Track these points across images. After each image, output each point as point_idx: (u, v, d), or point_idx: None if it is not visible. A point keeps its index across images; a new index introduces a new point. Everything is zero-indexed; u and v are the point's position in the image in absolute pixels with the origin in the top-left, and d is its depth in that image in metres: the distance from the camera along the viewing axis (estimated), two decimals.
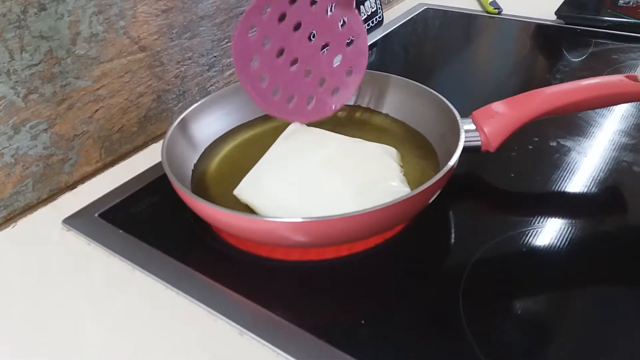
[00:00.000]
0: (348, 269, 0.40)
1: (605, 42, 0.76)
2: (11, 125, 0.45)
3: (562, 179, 0.48)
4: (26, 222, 0.47)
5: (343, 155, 0.47)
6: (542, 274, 0.39)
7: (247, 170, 0.47)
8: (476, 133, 0.46)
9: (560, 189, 0.47)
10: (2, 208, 0.46)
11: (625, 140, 0.53)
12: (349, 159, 0.47)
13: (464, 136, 0.44)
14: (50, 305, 0.39)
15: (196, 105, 0.51)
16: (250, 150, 0.51)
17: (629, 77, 0.47)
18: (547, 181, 0.48)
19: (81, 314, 0.38)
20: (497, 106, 0.47)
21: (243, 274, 0.40)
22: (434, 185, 0.39)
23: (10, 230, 0.46)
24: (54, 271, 0.41)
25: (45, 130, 0.48)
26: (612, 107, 0.58)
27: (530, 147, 0.52)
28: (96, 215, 0.46)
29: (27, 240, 0.45)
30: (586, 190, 0.47)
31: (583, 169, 0.49)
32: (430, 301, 0.37)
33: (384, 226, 0.41)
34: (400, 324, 0.35)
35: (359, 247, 0.41)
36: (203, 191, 0.47)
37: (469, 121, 0.46)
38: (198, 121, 0.51)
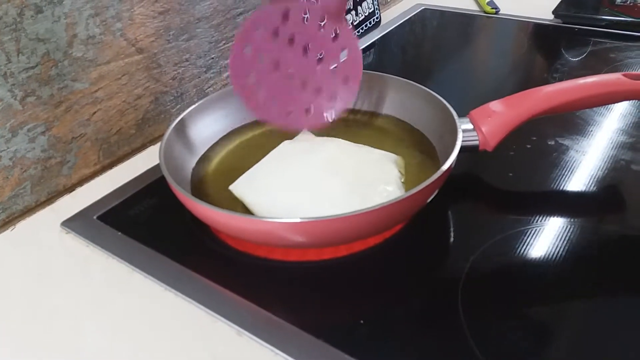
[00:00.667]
0: (347, 269, 0.40)
1: (603, 41, 0.76)
2: (8, 128, 0.45)
3: (560, 178, 0.48)
4: (25, 225, 0.47)
5: (343, 158, 0.47)
6: (541, 273, 0.39)
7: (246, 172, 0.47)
8: (474, 132, 0.46)
9: (558, 188, 0.47)
10: (1, 211, 0.46)
11: (623, 138, 0.53)
12: (349, 162, 0.47)
13: (461, 136, 0.44)
14: (50, 308, 0.38)
15: (194, 107, 0.51)
16: (249, 151, 0.51)
17: (626, 75, 0.47)
18: (546, 180, 0.48)
19: (80, 316, 0.38)
20: (494, 105, 0.47)
21: (242, 274, 0.40)
22: (431, 184, 0.39)
23: (9, 233, 0.46)
24: (53, 274, 0.41)
25: (43, 133, 0.48)
26: (610, 106, 0.58)
27: (529, 146, 0.52)
28: (95, 217, 0.46)
29: (26, 243, 0.45)
30: (585, 189, 0.47)
31: (581, 167, 0.49)
32: (429, 301, 0.37)
33: (382, 226, 0.41)
34: (399, 324, 0.35)
35: (357, 247, 0.41)
36: (201, 193, 0.47)
37: (466, 120, 0.46)
38: (196, 123, 0.51)
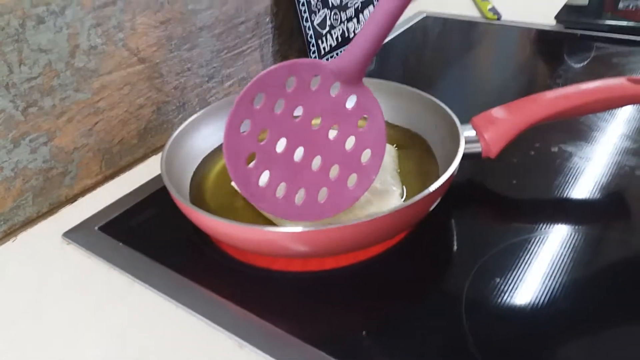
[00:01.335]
0: (349, 279, 0.40)
1: (605, 46, 0.76)
2: (10, 138, 0.45)
3: (564, 185, 0.47)
4: (26, 236, 0.47)
5: None
6: (547, 282, 0.38)
7: None
8: (476, 139, 0.45)
9: (562, 195, 0.46)
10: (2, 222, 0.46)
11: (627, 144, 0.52)
12: None
13: (463, 143, 0.43)
14: (51, 319, 0.38)
15: (195, 116, 0.51)
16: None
17: (630, 80, 0.46)
18: (550, 187, 0.47)
19: (81, 326, 0.37)
20: (497, 112, 0.46)
21: (243, 285, 0.40)
22: (434, 193, 0.38)
23: (10, 245, 0.46)
24: (54, 284, 0.41)
25: (45, 144, 0.48)
26: (613, 111, 0.58)
27: (532, 153, 0.52)
28: (96, 228, 0.46)
29: (27, 254, 0.45)
30: (589, 196, 0.46)
31: (585, 174, 0.49)
32: (432, 311, 0.37)
33: (384, 235, 0.40)
34: (403, 335, 0.35)
35: (360, 257, 0.41)
36: (202, 202, 0.46)
37: (468, 127, 0.46)
38: (198, 132, 0.51)
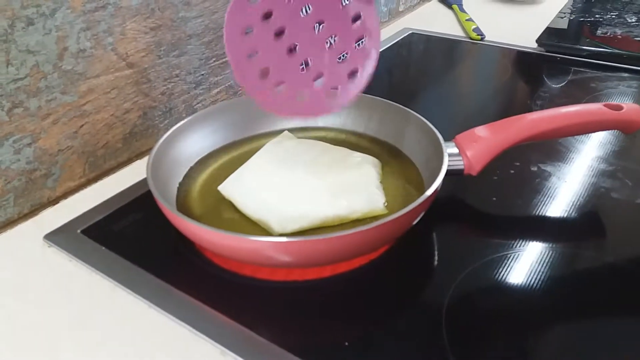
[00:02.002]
0: (331, 290, 0.40)
1: (584, 70, 0.78)
2: None
3: (542, 204, 0.49)
4: (6, 238, 0.46)
5: (325, 159, 0.49)
6: (524, 297, 0.39)
7: None
8: (459, 157, 0.46)
9: (540, 214, 0.48)
10: None
11: (603, 166, 0.54)
12: (330, 163, 0.49)
13: (447, 159, 0.44)
14: (30, 323, 0.38)
15: (183, 122, 0.51)
16: (235, 169, 0.51)
17: (607, 106, 0.48)
18: (528, 205, 0.49)
19: (61, 332, 0.37)
20: (480, 131, 0.48)
21: (226, 293, 0.40)
22: (417, 207, 0.39)
23: None
24: (33, 288, 0.41)
25: (29, 145, 0.47)
26: (591, 135, 0.60)
27: (512, 171, 0.53)
28: (78, 231, 0.46)
29: (7, 256, 0.44)
30: (566, 215, 0.48)
31: (563, 194, 0.50)
32: (413, 323, 0.37)
33: (368, 247, 0.41)
34: (383, 346, 0.35)
35: (342, 268, 0.41)
36: (187, 209, 0.47)
37: (452, 145, 0.47)
38: (184, 139, 0.51)
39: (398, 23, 1.00)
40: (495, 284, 0.40)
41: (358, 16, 0.40)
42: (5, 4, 0.42)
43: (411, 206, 0.39)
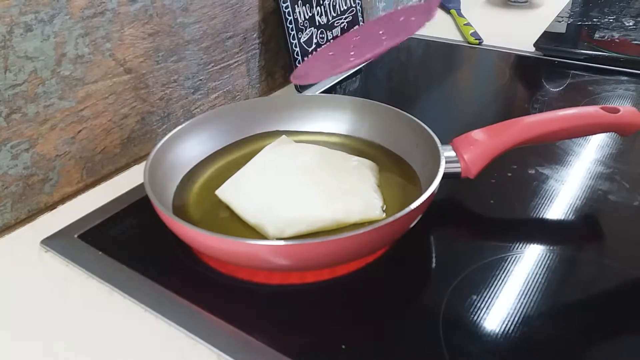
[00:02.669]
0: (329, 293, 0.40)
1: (581, 73, 0.78)
2: None
3: (540, 206, 0.49)
4: (4, 243, 0.46)
5: (323, 163, 0.49)
6: (521, 300, 0.39)
7: None
8: (456, 160, 0.47)
9: (538, 216, 0.48)
10: None
11: (601, 169, 0.54)
12: (328, 167, 0.49)
13: (444, 163, 0.44)
14: (27, 328, 0.38)
15: (180, 127, 0.51)
16: (232, 173, 0.51)
17: (604, 109, 0.48)
18: (526, 208, 0.49)
19: (58, 336, 0.37)
20: (477, 134, 0.48)
21: (223, 297, 0.40)
22: (414, 210, 0.39)
23: None
24: (31, 292, 0.41)
25: (27, 150, 0.47)
26: (588, 137, 0.60)
27: (510, 174, 0.53)
28: (75, 236, 0.46)
29: (4, 260, 0.44)
30: (564, 218, 0.48)
31: (561, 196, 0.50)
32: (411, 326, 0.37)
33: (365, 251, 0.41)
34: (381, 349, 0.35)
35: (340, 271, 0.41)
36: (184, 213, 0.47)
37: (449, 148, 0.47)
38: (182, 143, 0.52)
39: None
40: (493, 287, 0.40)
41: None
42: (3, 10, 0.42)
43: (408, 209, 0.39)
